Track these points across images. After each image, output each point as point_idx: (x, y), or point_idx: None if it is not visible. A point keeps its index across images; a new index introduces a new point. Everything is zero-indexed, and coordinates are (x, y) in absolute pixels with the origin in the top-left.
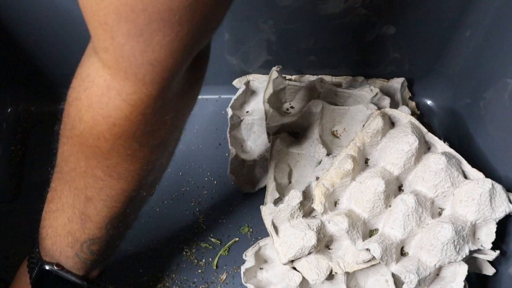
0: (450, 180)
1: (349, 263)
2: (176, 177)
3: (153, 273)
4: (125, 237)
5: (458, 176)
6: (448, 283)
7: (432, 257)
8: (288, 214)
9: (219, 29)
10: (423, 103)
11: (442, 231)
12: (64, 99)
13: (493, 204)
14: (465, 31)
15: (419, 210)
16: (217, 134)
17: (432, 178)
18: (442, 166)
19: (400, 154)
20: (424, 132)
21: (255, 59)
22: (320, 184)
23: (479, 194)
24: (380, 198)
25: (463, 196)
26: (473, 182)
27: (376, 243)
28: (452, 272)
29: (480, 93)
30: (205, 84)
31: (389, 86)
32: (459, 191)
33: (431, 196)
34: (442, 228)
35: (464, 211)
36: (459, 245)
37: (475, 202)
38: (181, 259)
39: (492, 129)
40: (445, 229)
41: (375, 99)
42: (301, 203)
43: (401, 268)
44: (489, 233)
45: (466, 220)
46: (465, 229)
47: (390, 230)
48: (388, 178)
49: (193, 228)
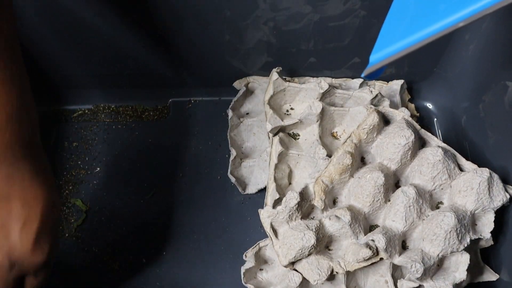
0: (447, 172)
1: (350, 262)
2: (176, 179)
3: (152, 278)
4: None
5: (454, 168)
6: (451, 273)
7: (435, 247)
8: (286, 216)
9: (220, 30)
10: (423, 106)
11: (445, 219)
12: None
13: (491, 193)
14: (465, 34)
15: (420, 201)
16: (218, 135)
17: (430, 170)
18: (439, 157)
19: (397, 148)
20: (418, 128)
21: (255, 60)
22: (319, 180)
23: (478, 183)
24: (380, 191)
25: (461, 187)
26: (471, 172)
27: (380, 234)
28: (454, 262)
29: (480, 95)
30: (205, 86)
31: (389, 88)
32: (457, 182)
33: (429, 189)
34: (445, 217)
35: (463, 201)
36: (461, 233)
37: (474, 192)
38: (181, 260)
39: (491, 131)
40: (448, 217)
41: (375, 100)
42: (298, 204)
43: (405, 259)
44: (488, 223)
45: (466, 210)
46: (465, 218)
47: (392, 222)
48: (386, 172)
49: (194, 230)
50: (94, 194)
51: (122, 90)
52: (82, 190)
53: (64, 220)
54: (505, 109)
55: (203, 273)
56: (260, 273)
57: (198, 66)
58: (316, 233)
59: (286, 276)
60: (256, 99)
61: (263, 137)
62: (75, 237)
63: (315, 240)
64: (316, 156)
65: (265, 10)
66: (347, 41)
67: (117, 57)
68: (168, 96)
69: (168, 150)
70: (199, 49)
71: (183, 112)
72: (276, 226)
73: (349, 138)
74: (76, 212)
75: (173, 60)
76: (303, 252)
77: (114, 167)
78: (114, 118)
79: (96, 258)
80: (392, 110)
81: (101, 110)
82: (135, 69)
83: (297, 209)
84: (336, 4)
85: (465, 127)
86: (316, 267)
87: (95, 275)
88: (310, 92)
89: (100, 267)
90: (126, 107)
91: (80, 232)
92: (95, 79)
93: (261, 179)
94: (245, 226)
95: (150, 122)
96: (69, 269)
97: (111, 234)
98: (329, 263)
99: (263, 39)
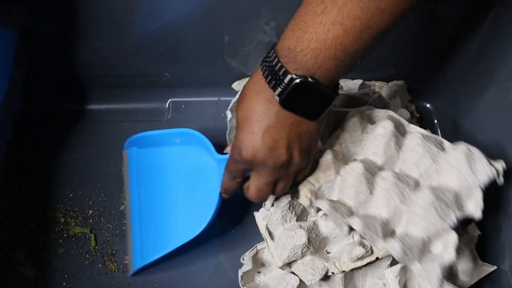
0: (430, 156)
1: (345, 262)
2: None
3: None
4: None
5: (438, 152)
6: (439, 255)
7: (416, 226)
8: (280, 217)
9: (219, 31)
10: (423, 107)
11: (420, 195)
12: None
13: (473, 168)
14: (465, 35)
15: (400, 185)
16: (216, 136)
17: (411, 156)
18: (418, 141)
19: (377, 139)
20: (405, 124)
21: (254, 61)
22: (306, 181)
23: (455, 158)
24: (361, 181)
25: (442, 167)
26: (448, 149)
27: (357, 218)
28: (443, 245)
29: (480, 96)
30: (204, 86)
31: (389, 89)
32: (439, 164)
33: (415, 176)
34: (420, 193)
35: (445, 180)
36: (442, 210)
37: (454, 168)
38: (178, 263)
39: (491, 132)
40: (423, 193)
41: (376, 102)
42: (290, 204)
43: (387, 244)
44: (477, 201)
45: (449, 188)
46: (446, 194)
47: (374, 209)
48: (369, 164)
49: None
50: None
51: (122, 90)
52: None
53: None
54: (506, 110)
55: (201, 276)
56: (258, 276)
57: (197, 66)
58: (308, 232)
59: (284, 279)
60: None
61: None
62: (74, 238)
63: (307, 239)
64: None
65: (266, 11)
66: None
67: (116, 57)
68: (167, 96)
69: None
70: (199, 49)
71: (182, 112)
72: (272, 229)
73: (331, 136)
74: None
75: (172, 60)
76: (295, 252)
77: (113, 167)
78: (114, 118)
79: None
80: (377, 110)
81: (100, 110)
82: (134, 70)
83: (289, 209)
84: None
85: (465, 128)
86: (311, 268)
87: (93, 277)
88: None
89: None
90: (125, 107)
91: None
92: (94, 79)
93: None
94: (243, 229)
95: (149, 122)
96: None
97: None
98: (324, 264)
99: (264, 40)
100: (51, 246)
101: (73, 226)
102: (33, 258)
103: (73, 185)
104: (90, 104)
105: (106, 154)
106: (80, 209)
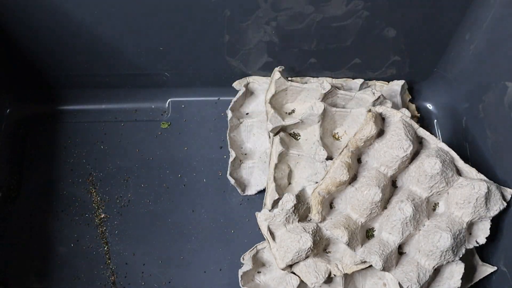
0: (445, 181)
1: (347, 265)
2: (175, 179)
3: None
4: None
5: (452, 175)
6: (446, 281)
7: (431, 261)
8: (283, 219)
9: (219, 30)
10: (423, 106)
11: (441, 240)
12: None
13: (488, 204)
14: (465, 34)
15: (417, 216)
16: (217, 136)
17: (428, 181)
18: (437, 170)
19: (395, 159)
20: (415, 127)
21: (255, 61)
22: (315, 193)
23: (475, 199)
24: (377, 206)
25: (458, 199)
26: (468, 186)
27: (377, 256)
28: (449, 271)
29: (480, 96)
30: (204, 86)
31: (389, 89)
32: (454, 192)
33: (426, 196)
34: (441, 238)
35: (460, 213)
36: (456, 248)
37: (471, 205)
38: (178, 262)
39: (491, 132)
40: (444, 238)
41: (377, 102)
42: (295, 207)
43: (402, 275)
44: (484, 230)
45: (462, 222)
46: (461, 232)
47: (388, 235)
48: (384, 183)
49: (192, 231)
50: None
51: (122, 90)
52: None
53: None
54: (505, 110)
55: (201, 275)
56: (258, 276)
57: (197, 66)
58: (313, 236)
59: (284, 279)
60: (256, 100)
61: (263, 138)
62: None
63: (312, 243)
64: (316, 158)
65: (267, 10)
66: (350, 42)
67: (116, 57)
68: (167, 96)
69: (166, 150)
70: (199, 49)
71: (182, 112)
72: (274, 229)
73: (345, 147)
74: None
75: (172, 59)
76: (300, 255)
77: (113, 167)
78: (113, 118)
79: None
80: (390, 110)
81: (99, 110)
82: (133, 69)
83: (293, 212)
84: (339, 5)
85: (465, 128)
86: (314, 270)
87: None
88: (312, 92)
89: (100, 267)
90: (125, 107)
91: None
92: (94, 79)
93: (260, 180)
94: (243, 228)
95: (148, 122)
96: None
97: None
98: (326, 266)
99: (264, 39)
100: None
101: None
102: None
103: (73, 185)
104: (90, 104)
105: (106, 153)
106: None
